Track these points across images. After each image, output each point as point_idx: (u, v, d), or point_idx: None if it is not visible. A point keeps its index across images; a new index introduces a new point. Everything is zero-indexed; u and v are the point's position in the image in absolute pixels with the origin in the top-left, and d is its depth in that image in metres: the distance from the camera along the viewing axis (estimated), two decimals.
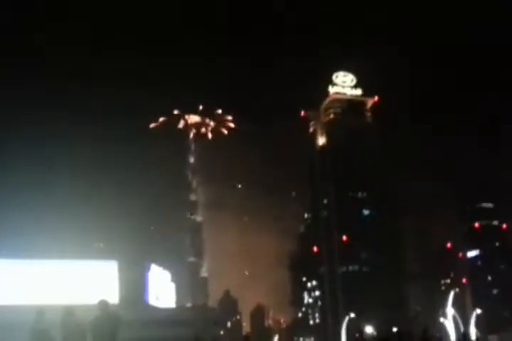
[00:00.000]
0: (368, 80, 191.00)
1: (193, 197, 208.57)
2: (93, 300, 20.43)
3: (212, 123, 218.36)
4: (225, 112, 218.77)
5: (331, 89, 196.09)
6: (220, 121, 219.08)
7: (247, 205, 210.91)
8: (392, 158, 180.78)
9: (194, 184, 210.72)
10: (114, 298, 67.59)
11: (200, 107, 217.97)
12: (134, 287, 77.03)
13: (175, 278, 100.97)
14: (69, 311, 19.47)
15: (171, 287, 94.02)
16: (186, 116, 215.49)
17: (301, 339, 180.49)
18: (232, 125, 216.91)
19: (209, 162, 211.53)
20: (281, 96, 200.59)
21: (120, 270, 77.07)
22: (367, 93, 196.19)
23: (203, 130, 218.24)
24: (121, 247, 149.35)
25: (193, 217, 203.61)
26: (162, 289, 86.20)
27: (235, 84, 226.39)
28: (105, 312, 18.96)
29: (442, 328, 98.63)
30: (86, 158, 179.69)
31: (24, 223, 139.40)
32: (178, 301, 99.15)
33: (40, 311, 19.99)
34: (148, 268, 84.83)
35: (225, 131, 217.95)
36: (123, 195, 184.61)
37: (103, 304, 19.06)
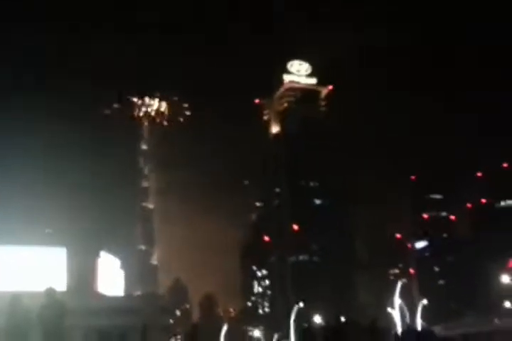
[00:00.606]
0: (323, 69, 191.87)
1: (144, 184, 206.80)
2: (41, 287, 20.08)
3: (167, 111, 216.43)
4: (181, 100, 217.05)
5: (286, 78, 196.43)
6: (176, 109, 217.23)
7: (199, 193, 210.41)
8: (346, 147, 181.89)
9: (146, 171, 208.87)
10: (62, 285, 66.68)
11: (158, 95, 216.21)
12: (83, 274, 76.04)
13: (124, 266, 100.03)
14: (16, 297, 19.15)
15: (121, 274, 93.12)
16: (141, 103, 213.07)
17: (250, 328, 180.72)
18: (187, 112, 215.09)
19: (162, 149, 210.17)
20: (236, 84, 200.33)
21: (69, 257, 76.03)
22: (321, 82, 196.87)
23: (158, 117, 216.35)
24: (71, 234, 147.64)
25: (144, 204, 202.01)
26: (111, 277, 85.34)
27: (190, 72, 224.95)
28: (52, 300, 18.67)
29: (390, 319, 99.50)
30: (37, 146, 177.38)
31: None
32: (127, 289, 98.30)
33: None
34: (98, 255, 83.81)
35: (181, 119, 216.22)
36: (74, 182, 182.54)
37: (50, 292, 18.79)
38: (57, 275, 69.23)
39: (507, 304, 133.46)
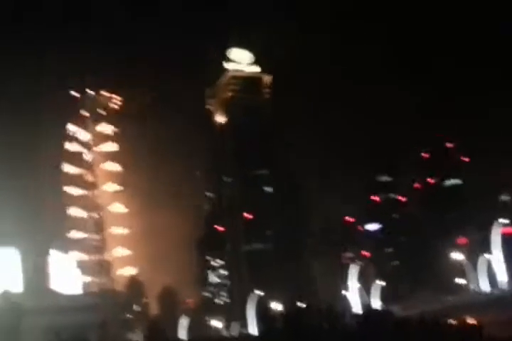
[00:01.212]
0: (265, 57, 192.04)
1: (93, 179, 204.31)
2: None
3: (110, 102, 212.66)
4: (115, 90, 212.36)
5: (228, 66, 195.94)
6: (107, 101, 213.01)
7: (149, 185, 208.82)
8: (291, 133, 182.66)
9: (93, 165, 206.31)
10: (18, 286, 66.23)
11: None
12: (38, 274, 75.59)
13: (80, 263, 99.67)
14: None
15: (76, 272, 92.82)
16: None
17: (210, 319, 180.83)
18: (118, 103, 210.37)
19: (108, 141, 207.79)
20: (179, 73, 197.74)
21: (22, 257, 75.46)
22: (265, 70, 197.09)
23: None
24: (21, 234, 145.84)
25: (95, 199, 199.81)
26: (66, 275, 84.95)
27: (131, 61, 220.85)
28: (7, 303, 18.69)
29: (345, 301, 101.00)
30: None
31: None
32: (83, 286, 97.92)
33: None
34: (50, 254, 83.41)
35: (116, 107, 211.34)
36: (20, 178, 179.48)
37: (6, 295, 18.81)
38: (13, 276, 68.77)
39: (458, 280, 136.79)
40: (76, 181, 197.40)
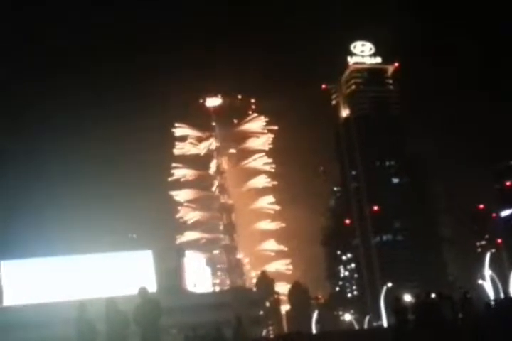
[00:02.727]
0: (386, 47, 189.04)
1: (221, 181, 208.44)
2: (132, 290, 20.70)
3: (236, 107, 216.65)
4: (247, 95, 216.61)
5: (350, 60, 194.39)
6: (244, 104, 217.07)
7: (277, 184, 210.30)
8: (417, 123, 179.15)
9: (221, 168, 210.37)
10: (151, 287, 68.22)
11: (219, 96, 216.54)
12: (171, 275, 77.58)
13: (210, 262, 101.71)
14: (111, 302, 19.72)
15: (207, 271, 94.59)
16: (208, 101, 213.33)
17: (340, 312, 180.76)
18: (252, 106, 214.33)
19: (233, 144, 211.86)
20: (301, 72, 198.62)
21: (155, 259, 77.65)
22: (387, 60, 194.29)
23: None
24: (154, 237, 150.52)
25: (223, 200, 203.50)
26: (199, 274, 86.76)
27: (252, 65, 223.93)
28: (146, 299, 19.21)
29: (481, 290, 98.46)
30: (115, 152, 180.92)
31: (59, 223, 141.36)
32: (214, 285, 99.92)
33: (82, 304, 20.26)
34: (183, 255, 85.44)
35: (250, 112, 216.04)
36: (148, 185, 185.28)
37: (143, 291, 19.29)
38: (147, 277, 70.81)
39: None
40: (206, 183, 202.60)
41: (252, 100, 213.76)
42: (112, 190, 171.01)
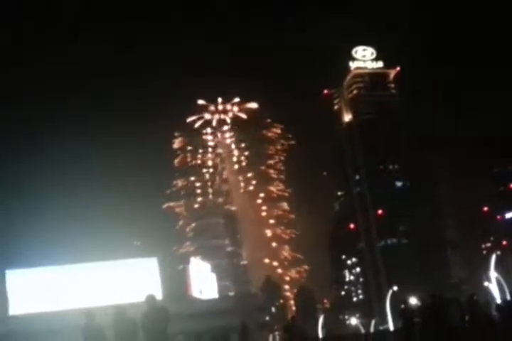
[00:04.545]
0: (388, 52, 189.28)
1: (225, 187, 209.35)
2: (138, 298, 20.71)
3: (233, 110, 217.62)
4: (245, 100, 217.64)
5: (352, 65, 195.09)
6: (240, 108, 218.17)
7: (279, 189, 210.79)
8: (419, 126, 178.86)
9: (224, 175, 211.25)
10: (157, 294, 68.21)
11: (219, 99, 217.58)
12: (176, 282, 77.56)
13: (215, 269, 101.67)
14: (120, 310, 19.75)
15: (212, 277, 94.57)
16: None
17: (346, 317, 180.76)
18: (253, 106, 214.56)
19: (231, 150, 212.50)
20: (302, 77, 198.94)
21: (160, 266, 77.67)
22: (388, 64, 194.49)
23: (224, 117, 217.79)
24: (159, 243, 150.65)
25: (227, 206, 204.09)
26: (204, 281, 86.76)
27: (254, 70, 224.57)
28: (154, 306, 19.22)
29: (488, 292, 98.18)
30: (114, 159, 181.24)
31: (63, 231, 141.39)
32: (220, 291, 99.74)
33: (89, 312, 20.29)
34: (188, 262, 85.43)
35: (244, 116, 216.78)
36: (148, 193, 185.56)
37: (150, 299, 19.31)
38: (152, 284, 70.76)
39: None
40: (210, 190, 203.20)
41: (255, 106, 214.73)
42: (116, 198, 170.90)
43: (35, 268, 75.64)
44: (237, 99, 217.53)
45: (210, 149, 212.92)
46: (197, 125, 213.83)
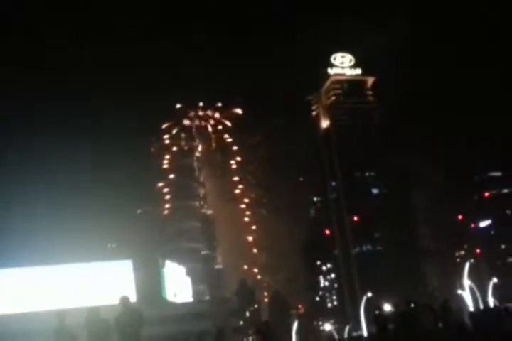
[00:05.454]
0: (366, 59, 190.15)
1: (201, 191, 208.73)
2: (112, 300, 20.65)
3: (215, 116, 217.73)
4: (226, 105, 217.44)
5: (331, 71, 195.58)
6: (222, 114, 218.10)
7: (256, 194, 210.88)
8: (395, 134, 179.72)
9: (201, 178, 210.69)
10: (132, 296, 67.93)
11: (200, 103, 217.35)
12: (151, 285, 77.36)
13: (190, 272, 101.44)
14: (93, 311, 19.66)
15: (187, 281, 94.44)
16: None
17: (320, 322, 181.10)
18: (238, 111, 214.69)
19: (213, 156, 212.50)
20: (281, 82, 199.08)
21: (135, 269, 77.45)
22: (366, 72, 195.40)
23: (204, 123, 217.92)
24: (134, 246, 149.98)
25: (203, 210, 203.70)
26: (179, 284, 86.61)
27: (233, 75, 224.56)
28: (128, 308, 19.15)
29: (461, 300, 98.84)
30: (92, 160, 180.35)
31: (38, 232, 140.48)
32: (194, 295, 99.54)
33: (60, 314, 20.14)
34: (163, 265, 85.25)
35: (228, 123, 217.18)
36: (127, 195, 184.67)
37: (124, 300, 19.22)
38: (127, 287, 70.55)
39: None
40: (186, 193, 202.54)
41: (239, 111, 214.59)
42: (92, 200, 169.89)
43: (10, 268, 75.17)
44: (219, 104, 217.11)
45: (187, 153, 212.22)
46: (175, 131, 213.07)
